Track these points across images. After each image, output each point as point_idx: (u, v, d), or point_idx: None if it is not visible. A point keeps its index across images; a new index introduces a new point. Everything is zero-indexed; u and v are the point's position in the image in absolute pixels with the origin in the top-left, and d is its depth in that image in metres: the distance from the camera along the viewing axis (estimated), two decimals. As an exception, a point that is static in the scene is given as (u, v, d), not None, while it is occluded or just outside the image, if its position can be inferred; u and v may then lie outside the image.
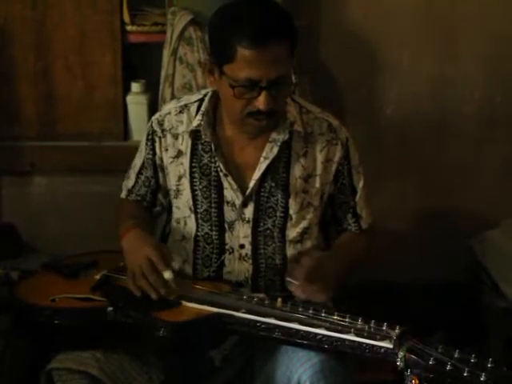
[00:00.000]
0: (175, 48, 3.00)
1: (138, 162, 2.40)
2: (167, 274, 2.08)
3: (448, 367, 1.74)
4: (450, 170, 3.45)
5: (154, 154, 2.33)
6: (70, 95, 3.12)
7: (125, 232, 2.22)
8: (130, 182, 2.42)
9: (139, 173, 2.39)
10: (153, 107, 3.10)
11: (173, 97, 2.98)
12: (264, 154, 2.22)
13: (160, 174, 2.35)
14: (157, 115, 2.35)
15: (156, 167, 2.34)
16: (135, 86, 3.15)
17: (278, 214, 2.25)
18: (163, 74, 3.04)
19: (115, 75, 3.10)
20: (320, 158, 2.26)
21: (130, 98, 3.15)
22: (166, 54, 3.02)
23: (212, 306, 2.05)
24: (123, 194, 2.45)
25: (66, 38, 3.06)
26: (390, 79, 3.38)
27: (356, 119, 2.37)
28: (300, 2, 3.13)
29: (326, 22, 3.27)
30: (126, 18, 3.03)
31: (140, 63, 3.22)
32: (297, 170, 2.25)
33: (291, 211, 2.25)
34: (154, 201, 2.42)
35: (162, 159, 2.32)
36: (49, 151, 3.14)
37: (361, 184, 2.33)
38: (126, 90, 3.15)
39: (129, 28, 3.05)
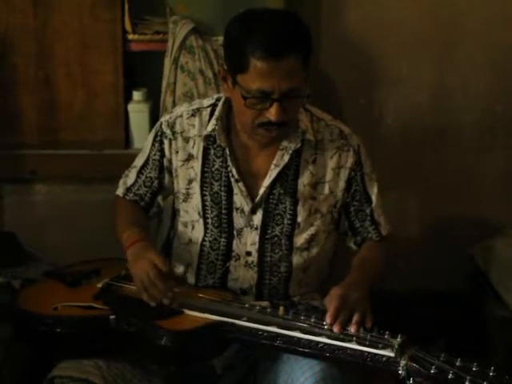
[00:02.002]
0: (176, 57, 3.01)
1: (140, 161, 2.39)
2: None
3: (450, 376, 1.75)
4: (450, 180, 3.45)
5: (163, 155, 2.33)
6: (71, 103, 3.12)
7: (130, 244, 2.21)
8: (129, 181, 2.42)
9: (140, 172, 2.38)
10: (154, 115, 3.10)
11: (174, 105, 2.98)
12: (275, 162, 2.23)
13: (166, 176, 2.35)
14: (167, 117, 2.35)
15: (162, 169, 2.34)
16: (136, 95, 3.15)
17: (286, 221, 2.26)
18: (164, 82, 3.04)
19: (116, 84, 3.11)
20: (330, 164, 2.27)
21: (131, 107, 3.16)
22: (168, 62, 3.02)
23: (214, 314, 2.06)
24: (120, 192, 2.44)
25: (67, 46, 3.07)
26: (390, 88, 3.38)
27: (356, 128, 2.37)
28: (299, 10, 3.14)
29: (325, 32, 3.28)
30: (128, 26, 3.04)
31: (141, 72, 3.22)
32: (305, 177, 2.26)
33: (299, 218, 2.26)
34: (152, 202, 2.41)
35: (170, 161, 2.32)
36: (50, 159, 3.14)
37: (375, 191, 2.33)
38: (128, 98, 3.15)
39: (130, 37, 3.06)
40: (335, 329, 1.95)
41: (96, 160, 3.15)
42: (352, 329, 1.95)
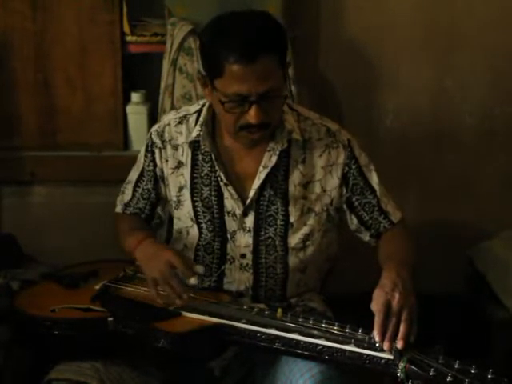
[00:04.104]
0: (175, 58, 3.01)
1: (134, 175, 2.40)
2: (193, 280, 2.08)
3: (448, 378, 1.74)
4: (449, 182, 3.45)
5: (155, 165, 2.33)
6: (70, 106, 3.13)
7: (137, 243, 2.21)
8: (126, 197, 2.42)
9: (136, 186, 2.39)
10: (153, 117, 3.11)
11: (172, 107, 2.98)
12: (263, 164, 2.22)
13: (161, 186, 2.35)
14: (156, 127, 2.35)
15: (157, 179, 2.34)
16: (135, 97, 3.15)
17: (279, 222, 2.25)
18: (163, 84, 3.04)
19: (115, 85, 3.11)
20: (320, 163, 2.26)
21: (129, 108, 3.15)
22: (166, 64, 3.02)
23: (212, 316, 2.05)
24: (119, 209, 2.45)
25: (65, 49, 3.07)
26: (389, 91, 3.38)
27: (355, 130, 2.37)
28: (299, 14, 3.14)
29: (325, 34, 3.28)
30: (126, 28, 3.04)
31: (140, 73, 3.22)
32: (295, 177, 2.25)
33: (292, 218, 2.25)
34: (153, 214, 2.41)
35: (162, 170, 2.32)
36: (49, 161, 3.15)
37: (376, 180, 2.31)
38: (126, 100, 3.15)
39: (129, 38, 3.06)
40: (385, 347, 1.88)
41: (95, 162, 3.16)
42: (399, 345, 1.87)
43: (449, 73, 3.37)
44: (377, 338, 1.90)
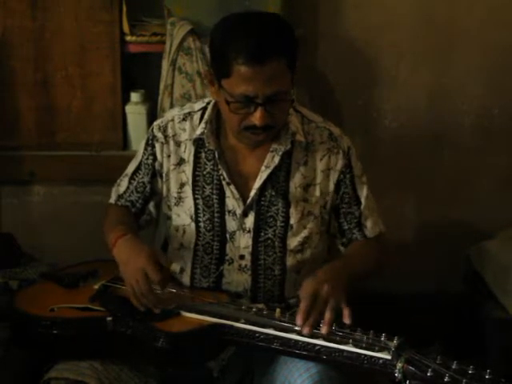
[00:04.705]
0: (174, 58, 3.01)
1: (131, 167, 2.39)
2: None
3: (446, 379, 1.75)
4: (447, 181, 3.45)
5: (155, 159, 2.32)
6: (69, 105, 3.12)
7: (115, 241, 2.19)
8: (121, 188, 2.41)
9: (132, 178, 2.38)
10: (152, 117, 3.11)
11: (172, 107, 2.98)
12: (265, 163, 2.22)
13: (158, 180, 2.34)
14: (158, 121, 2.34)
15: (154, 173, 2.34)
16: (134, 96, 3.15)
17: (279, 223, 2.25)
18: (162, 84, 3.04)
19: (114, 85, 3.11)
20: (320, 166, 2.26)
21: (129, 108, 3.16)
22: (165, 64, 3.03)
23: (211, 316, 2.06)
24: (112, 200, 2.44)
25: (65, 48, 3.07)
26: (387, 90, 3.38)
27: (353, 130, 2.38)
28: (297, 13, 3.14)
29: (323, 33, 3.28)
30: (126, 28, 3.04)
31: (139, 73, 3.22)
32: (297, 179, 2.25)
33: (292, 220, 2.25)
34: (144, 208, 2.40)
35: (162, 165, 2.31)
36: (48, 161, 3.15)
37: (365, 193, 2.31)
38: (126, 99, 3.15)
39: (128, 38, 3.05)
40: (304, 331, 1.95)
41: (94, 161, 3.16)
42: (323, 330, 1.95)
43: (448, 73, 3.36)
44: (298, 322, 1.96)
